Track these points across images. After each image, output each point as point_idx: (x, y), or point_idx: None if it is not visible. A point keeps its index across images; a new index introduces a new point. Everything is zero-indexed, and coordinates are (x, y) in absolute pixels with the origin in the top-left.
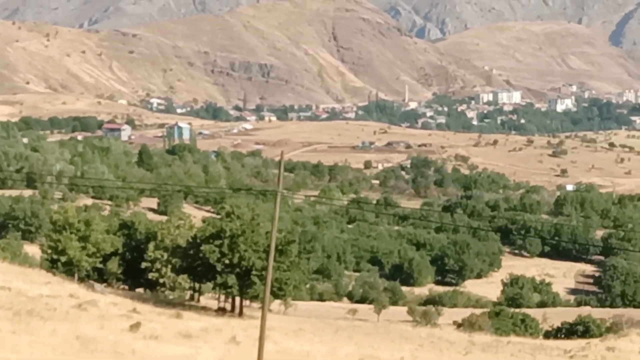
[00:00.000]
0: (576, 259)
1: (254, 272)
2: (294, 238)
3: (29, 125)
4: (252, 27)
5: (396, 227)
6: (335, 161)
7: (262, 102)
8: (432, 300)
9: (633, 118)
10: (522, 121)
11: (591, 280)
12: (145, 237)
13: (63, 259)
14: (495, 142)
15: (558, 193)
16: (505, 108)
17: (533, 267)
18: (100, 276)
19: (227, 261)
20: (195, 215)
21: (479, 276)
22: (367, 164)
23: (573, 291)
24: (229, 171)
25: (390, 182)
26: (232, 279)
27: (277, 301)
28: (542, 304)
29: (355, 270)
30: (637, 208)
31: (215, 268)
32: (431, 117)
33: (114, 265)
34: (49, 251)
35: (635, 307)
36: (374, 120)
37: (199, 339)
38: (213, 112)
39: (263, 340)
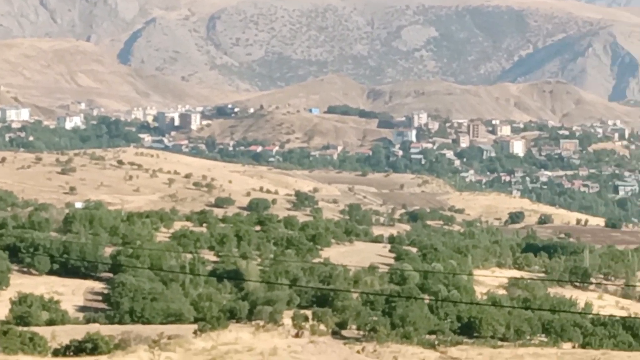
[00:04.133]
0: (85, 276)
1: None
2: None
3: None
4: None
5: None
6: None
7: None
8: None
9: (142, 135)
10: (31, 138)
11: (100, 298)
12: None
13: None
14: (3, 159)
15: (67, 211)
16: (14, 125)
17: (42, 285)
18: None
19: None
20: None
21: None
22: None
23: (82, 308)
24: None
25: None
26: None
27: None
28: (51, 322)
29: None
30: (146, 225)
31: None
32: None
33: None
34: None
35: (143, 323)
36: None
37: None
38: None
39: None
